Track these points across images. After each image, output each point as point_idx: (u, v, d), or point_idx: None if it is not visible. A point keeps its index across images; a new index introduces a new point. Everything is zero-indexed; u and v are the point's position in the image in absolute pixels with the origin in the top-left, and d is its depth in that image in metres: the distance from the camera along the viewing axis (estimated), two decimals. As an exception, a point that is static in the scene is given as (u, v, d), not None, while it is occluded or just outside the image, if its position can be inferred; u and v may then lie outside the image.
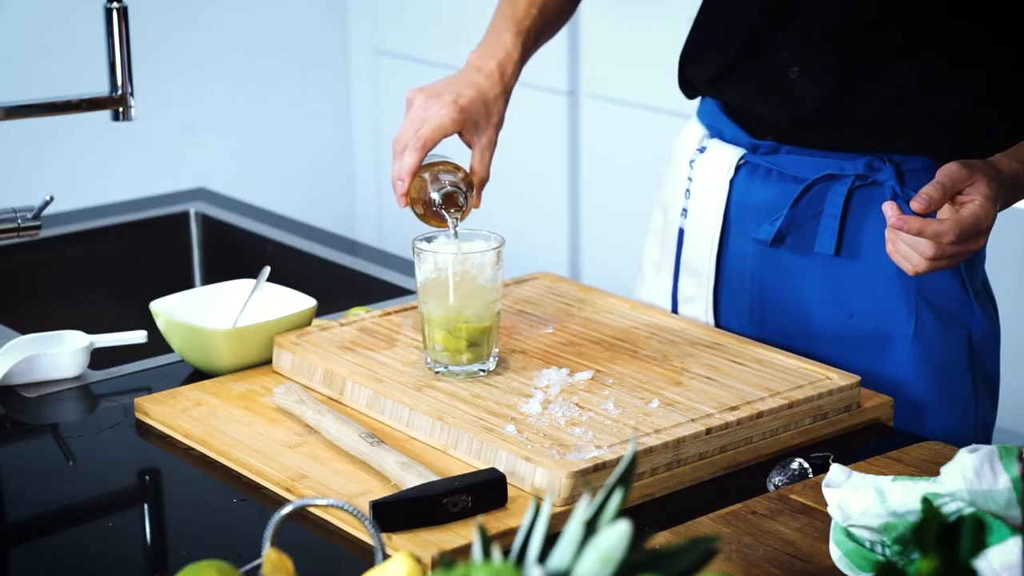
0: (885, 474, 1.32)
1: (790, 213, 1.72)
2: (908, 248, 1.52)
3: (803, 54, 1.68)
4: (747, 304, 1.78)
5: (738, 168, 1.77)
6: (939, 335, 1.70)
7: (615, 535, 0.92)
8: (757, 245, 1.76)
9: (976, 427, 1.73)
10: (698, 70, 1.80)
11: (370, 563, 1.20)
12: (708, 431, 1.47)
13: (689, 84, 1.83)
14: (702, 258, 1.80)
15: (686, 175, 1.82)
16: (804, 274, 1.74)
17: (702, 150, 1.80)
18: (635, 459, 0.98)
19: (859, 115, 1.68)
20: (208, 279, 2.38)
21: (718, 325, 1.81)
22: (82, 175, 3.53)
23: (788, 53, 1.69)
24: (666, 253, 1.86)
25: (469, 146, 1.71)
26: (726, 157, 1.77)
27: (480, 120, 1.69)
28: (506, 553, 0.96)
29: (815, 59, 1.67)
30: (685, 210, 1.82)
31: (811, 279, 1.73)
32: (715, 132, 1.80)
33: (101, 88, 1.97)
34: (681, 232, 1.83)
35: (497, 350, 1.62)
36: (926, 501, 1.14)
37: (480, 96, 1.69)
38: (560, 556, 0.94)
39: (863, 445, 1.54)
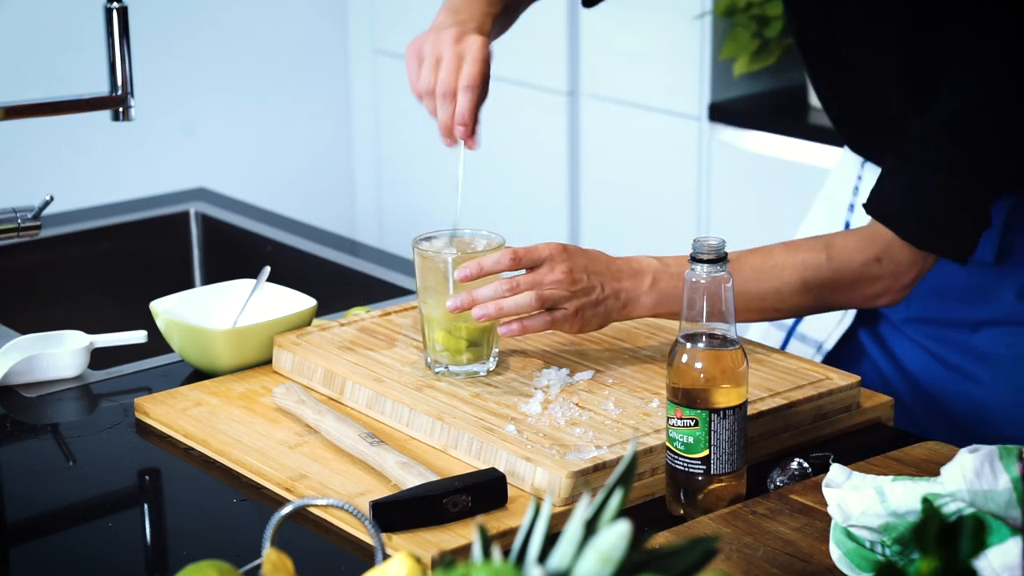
0: (885, 474, 1.32)
1: None
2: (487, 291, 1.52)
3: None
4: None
5: None
6: None
7: (615, 535, 0.92)
8: None
9: None
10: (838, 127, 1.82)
11: (370, 563, 1.20)
12: (708, 431, 1.47)
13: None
14: None
15: (856, 173, 1.82)
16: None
17: None
18: (635, 459, 0.98)
19: None
20: (208, 279, 2.38)
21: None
22: (82, 175, 3.52)
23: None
24: None
25: None
26: None
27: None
28: (506, 553, 0.96)
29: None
30: (851, 206, 1.82)
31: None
32: None
33: (101, 88, 1.97)
34: (847, 225, 1.83)
35: (497, 350, 1.62)
36: (926, 501, 1.14)
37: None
38: (560, 556, 0.94)
39: (863, 445, 1.54)
